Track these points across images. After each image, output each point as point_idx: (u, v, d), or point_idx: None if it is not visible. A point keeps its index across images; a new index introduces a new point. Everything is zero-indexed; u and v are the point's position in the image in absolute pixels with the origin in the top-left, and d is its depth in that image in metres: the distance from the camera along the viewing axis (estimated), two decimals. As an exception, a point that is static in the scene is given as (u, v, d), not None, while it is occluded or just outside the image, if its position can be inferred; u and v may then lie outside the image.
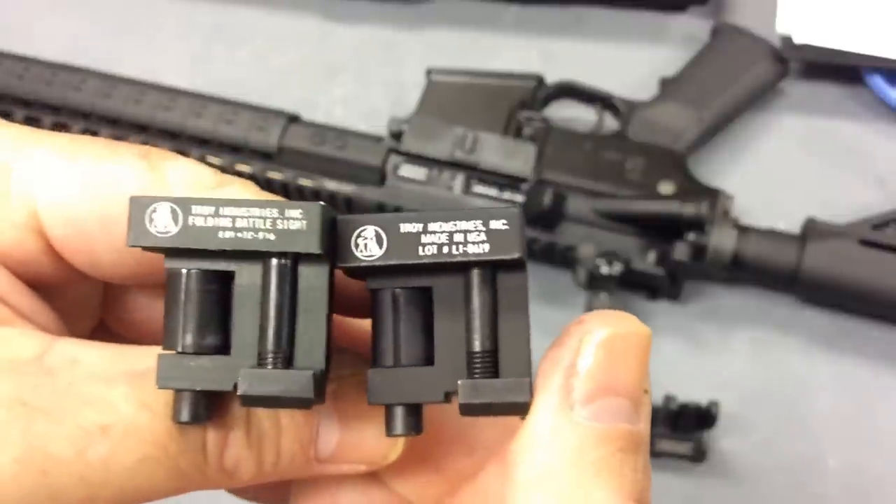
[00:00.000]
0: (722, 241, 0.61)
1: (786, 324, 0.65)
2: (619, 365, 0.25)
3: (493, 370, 0.25)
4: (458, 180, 0.65)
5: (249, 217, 0.25)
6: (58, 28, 0.78)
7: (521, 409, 0.25)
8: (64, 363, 0.25)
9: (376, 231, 0.25)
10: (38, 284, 0.28)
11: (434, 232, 0.25)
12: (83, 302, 0.31)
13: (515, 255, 0.25)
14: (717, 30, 0.73)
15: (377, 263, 0.25)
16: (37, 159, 0.27)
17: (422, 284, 0.26)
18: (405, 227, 0.25)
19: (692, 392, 0.60)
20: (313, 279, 0.25)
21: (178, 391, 0.25)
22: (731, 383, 0.63)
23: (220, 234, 0.25)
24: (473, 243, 0.25)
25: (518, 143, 0.65)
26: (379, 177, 0.66)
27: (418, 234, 0.25)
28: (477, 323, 0.25)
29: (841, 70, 0.73)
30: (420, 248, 0.25)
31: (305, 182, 0.66)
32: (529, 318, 0.26)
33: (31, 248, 0.27)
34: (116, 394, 0.25)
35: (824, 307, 0.65)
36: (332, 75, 0.76)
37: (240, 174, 0.67)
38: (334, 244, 0.25)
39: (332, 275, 0.26)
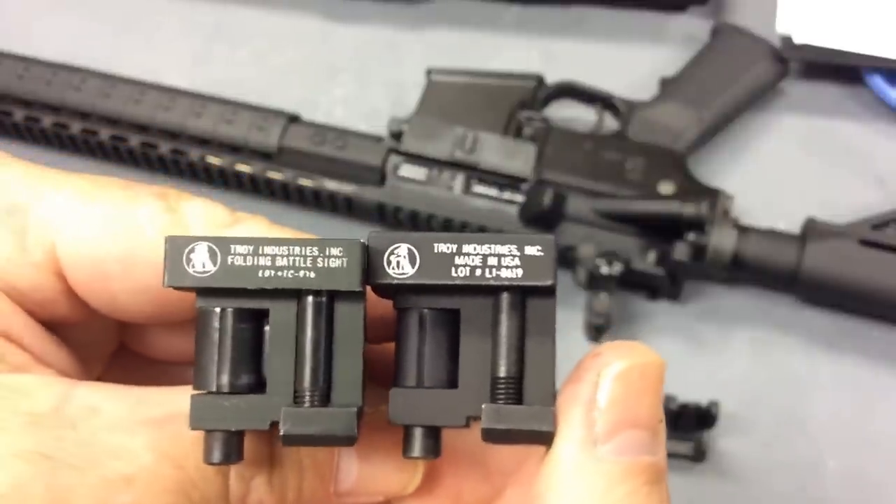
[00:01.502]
0: (722, 241, 0.61)
1: (786, 324, 0.65)
2: (638, 397, 0.25)
3: (518, 397, 0.25)
4: (458, 180, 0.65)
5: (290, 256, 0.25)
6: (57, 28, 0.78)
7: (545, 439, 0.25)
8: (84, 413, 0.25)
9: (409, 249, 0.25)
10: (55, 324, 0.28)
11: (468, 254, 0.25)
12: (102, 333, 0.31)
13: (548, 282, 0.25)
14: (717, 30, 0.73)
15: (409, 282, 0.25)
16: (56, 200, 0.27)
17: (450, 306, 0.26)
18: (439, 247, 0.25)
19: (692, 392, 0.60)
20: (349, 315, 0.25)
21: (209, 432, 0.25)
22: (731, 383, 0.63)
23: (261, 273, 0.25)
24: (507, 267, 0.25)
25: (518, 143, 0.65)
26: (379, 177, 0.66)
27: (452, 254, 0.25)
28: (503, 348, 0.25)
29: (841, 70, 0.73)
30: (453, 269, 0.25)
31: (305, 182, 0.66)
32: (556, 345, 0.26)
33: (50, 290, 0.27)
34: (138, 443, 0.25)
35: (824, 307, 0.65)
36: (332, 75, 0.76)
37: (240, 174, 0.67)
38: (367, 262, 0.25)
39: (365, 308, 0.26)
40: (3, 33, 0.77)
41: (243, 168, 0.67)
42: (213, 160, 0.67)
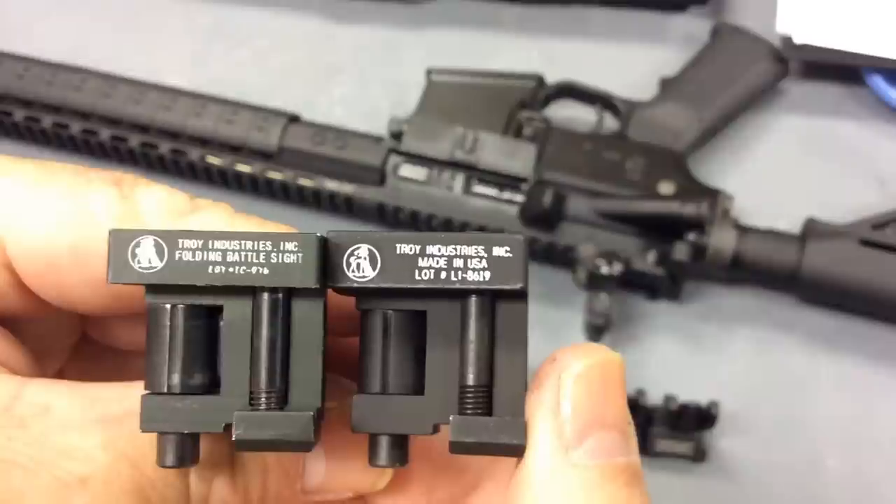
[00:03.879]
0: (722, 241, 0.61)
1: (786, 324, 0.65)
2: (602, 396, 0.24)
3: (486, 406, 0.24)
4: (458, 180, 0.65)
5: (242, 251, 0.23)
6: (58, 28, 0.78)
7: (516, 451, 0.24)
8: (36, 411, 0.24)
9: (370, 250, 0.24)
10: (7, 319, 0.27)
11: (432, 255, 0.24)
12: (61, 325, 0.30)
13: (518, 286, 0.24)
14: (717, 30, 0.73)
15: (370, 285, 0.24)
16: (3, 188, 0.26)
17: (415, 308, 0.24)
18: (401, 248, 0.24)
19: (692, 392, 0.60)
20: (307, 313, 0.24)
21: (161, 434, 0.24)
22: (731, 383, 0.63)
23: (210, 269, 0.23)
24: (474, 270, 0.24)
25: (518, 143, 0.65)
26: (379, 177, 0.66)
27: (415, 256, 0.24)
28: (472, 355, 0.24)
29: (841, 70, 0.73)
30: (416, 272, 0.24)
31: (305, 182, 0.66)
32: (527, 352, 0.25)
33: None
34: (92, 442, 0.24)
35: (824, 307, 0.65)
36: (332, 75, 0.76)
37: (240, 174, 0.67)
38: (325, 264, 0.24)
39: (325, 304, 0.24)
40: (3, 33, 0.77)
41: (243, 168, 0.67)
42: (213, 160, 0.67)
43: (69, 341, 0.31)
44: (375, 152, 0.66)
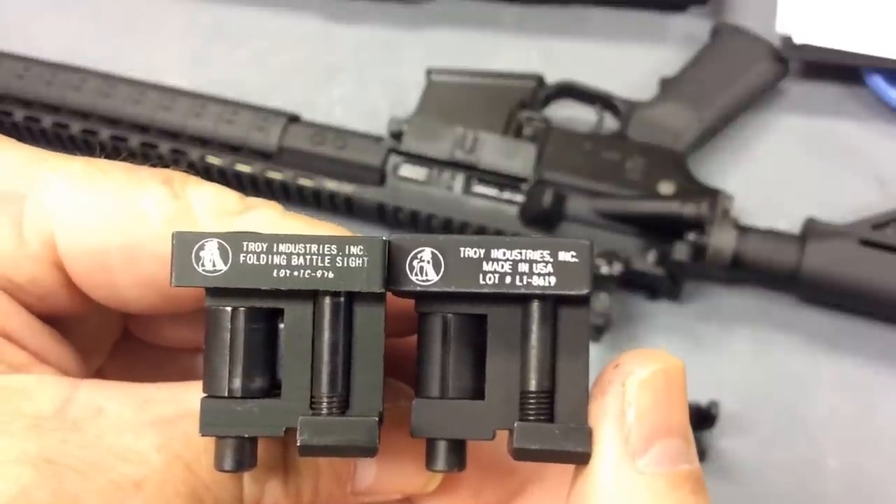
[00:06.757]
0: (722, 241, 0.61)
1: (786, 324, 0.65)
2: (667, 403, 0.24)
3: (549, 412, 0.24)
4: (458, 180, 0.65)
5: (306, 254, 0.23)
6: (58, 28, 0.78)
7: (581, 459, 0.24)
8: (88, 414, 0.24)
9: (433, 254, 0.24)
10: (55, 317, 0.27)
11: (497, 259, 0.24)
12: (105, 323, 0.30)
13: (584, 291, 0.24)
14: (717, 30, 0.73)
15: (433, 290, 0.24)
16: (53, 186, 0.25)
17: (476, 312, 0.24)
18: (465, 252, 0.24)
19: (692, 392, 0.59)
20: (369, 317, 0.24)
21: (220, 438, 0.23)
22: (731, 383, 0.63)
23: (275, 273, 0.23)
24: (539, 275, 0.24)
25: (518, 143, 0.65)
26: (379, 177, 0.66)
27: (479, 260, 0.24)
28: (534, 361, 0.24)
29: (841, 70, 0.73)
30: (481, 276, 0.24)
31: (305, 182, 0.66)
32: (589, 357, 0.24)
33: (49, 283, 0.26)
34: (146, 445, 0.23)
35: (824, 307, 0.65)
36: (332, 75, 0.76)
37: (240, 174, 0.67)
38: (388, 263, 0.24)
39: (385, 308, 0.24)
40: (3, 33, 0.77)
41: (243, 168, 0.67)
42: (213, 160, 0.67)
43: (111, 339, 0.31)
44: (375, 152, 0.66)
